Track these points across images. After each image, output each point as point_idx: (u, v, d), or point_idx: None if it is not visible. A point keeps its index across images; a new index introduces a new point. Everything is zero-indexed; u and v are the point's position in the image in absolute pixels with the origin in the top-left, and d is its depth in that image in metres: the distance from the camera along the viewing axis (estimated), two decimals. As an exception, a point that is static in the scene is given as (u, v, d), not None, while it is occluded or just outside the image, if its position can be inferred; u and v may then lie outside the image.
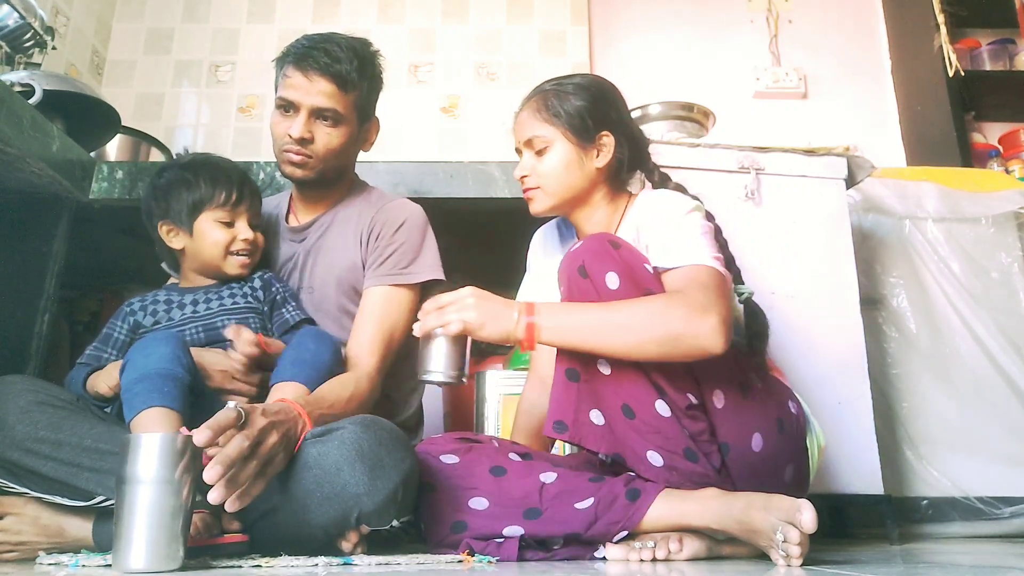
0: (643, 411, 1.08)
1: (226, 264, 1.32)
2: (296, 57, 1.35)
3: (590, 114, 1.29)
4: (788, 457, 1.17)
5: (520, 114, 1.37)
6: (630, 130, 1.35)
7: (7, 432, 1.03)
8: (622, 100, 1.37)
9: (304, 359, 1.15)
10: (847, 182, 1.73)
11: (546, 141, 1.30)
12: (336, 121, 1.36)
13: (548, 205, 1.32)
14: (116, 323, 1.29)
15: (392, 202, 1.44)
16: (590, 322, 1.07)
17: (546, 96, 1.32)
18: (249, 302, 1.31)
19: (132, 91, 2.66)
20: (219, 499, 0.85)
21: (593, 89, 1.33)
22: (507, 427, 1.54)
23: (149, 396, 1.03)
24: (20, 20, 1.73)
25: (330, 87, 1.34)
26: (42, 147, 1.42)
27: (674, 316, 1.04)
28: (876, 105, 2.78)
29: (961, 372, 1.87)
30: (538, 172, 1.31)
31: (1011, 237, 1.97)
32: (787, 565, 0.93)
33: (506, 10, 2.79)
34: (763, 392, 1.16)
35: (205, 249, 1.31)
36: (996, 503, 1.77)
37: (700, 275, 1.11)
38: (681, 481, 1.07)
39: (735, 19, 2.86)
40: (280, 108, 1.37)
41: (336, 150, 1.38)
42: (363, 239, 1.39)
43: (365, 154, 1.50)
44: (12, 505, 1.07)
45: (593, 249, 1.12)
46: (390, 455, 1.00)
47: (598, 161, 1.30)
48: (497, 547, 1.07)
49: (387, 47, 1.48)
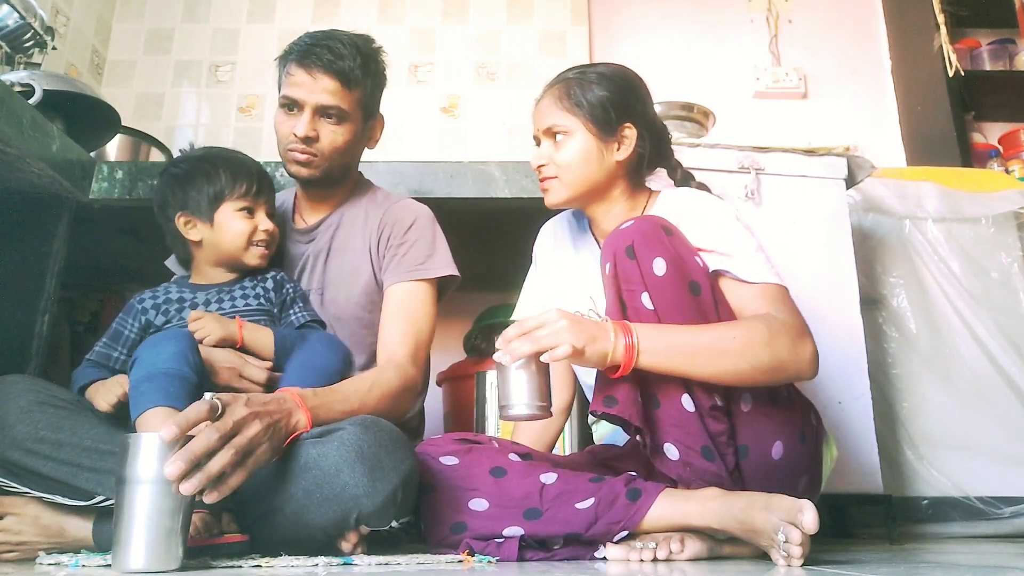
0: (669, 403, 1.06)
1: (247, 255, 1.31)
2: (299, 55, 1.34)
3: (613, 105, 1.26)
4: (804, 468, 1.16)
5: (541, 101, 1.32)
6: (654, 124, 1.32)
7: (7, 432, 1.03)
8: (647, 92, 1.33)
9: (313, 364, 1.16)
10: (847, 182, 1.73)
11: (566, 131, 1.26)
12: (341, 119, 1.35)
13: (564, 197, 1.29)
14: (127, 320, 1.27)
15: (398, 203, 1.44)
16: (692, 346, 1.04)
17: (569, 84, 1.28)
18: (261, 303, 1.31)
19: (132, 91, 2.65)
20: (189, 491, 0.82)
21: (618, 79, 1.29)
22: (507, 427, 1.54)
23: (155, 395, 1.03)
24: (20, 20, 1.73)
25: (334, 84, 1.33)
26: (42, 147, 1.42)
27: (780, 344, 1.05)
28: (876, 105, 2.78)
29: (961, 372, 1.87)
30: (556, 162, 1.28)
31: (1011, 237, 1.97)
32: (788, 565, 0.93)
33: (506, 10, 2.79)
34: (788, 401, 1.15)
35: (227, 239, 1.30)
36: (996, 503, 1.77)
37: (784, 297, 1.12)
38: (692, 478, 1.06)
39: (735, 19, 2.86)
40: (284, 107, 1.36)
41: (341, 148, 1.37)
42: (372, 243, 1.39)
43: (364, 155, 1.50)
44: (12, 505, 1.07)
45: (643, 231, 1.09)
46: (390, 456, 1.00)
47: (619, 154, 1.27)
48: (497, 547, 1.07)
49: (387, 47, 1.48)
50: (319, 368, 1.16)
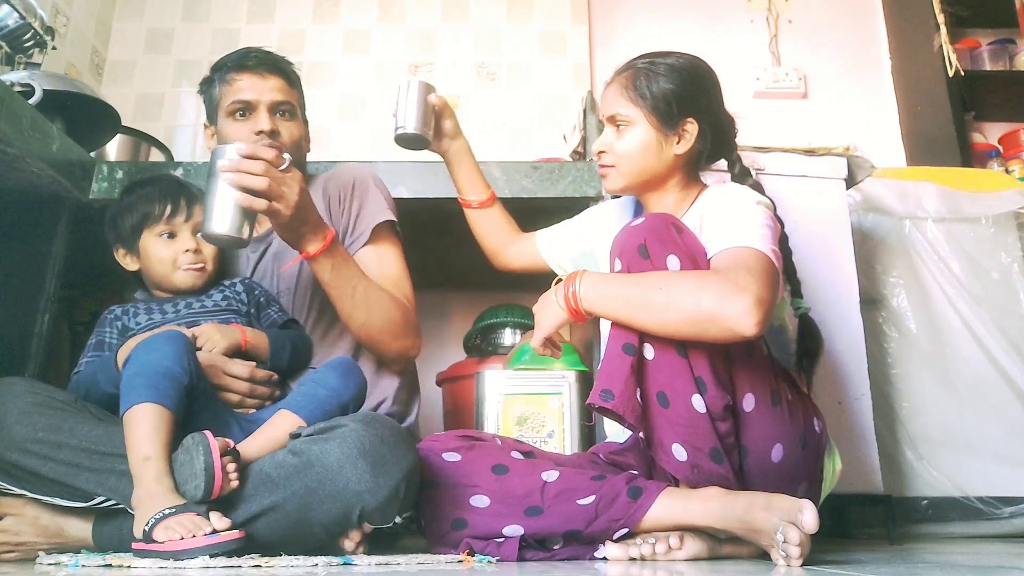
0: (678, 402, 1.04)
1: (176, 279, 1.31)
2: (237, 63, 1.38)
3: (677, 99, 1.24)
4: (804, 474, 1.15)
5: (609, 87, 1.31)
6: (718, 118, 1.29)
7: (6, 433, 1.03)
8: (716, 86, 1.31)
9: (317, 396, 1.13)
10: (847, 182, 1.73)
11: (627, 120, 1.26)
12: (292, 114, 1.40)
13: (620, 185, 1.30)
14: (104, 330, 1.29)
15: (335, 171, 1.47)
16: (628, 296, 1.05)
17: (636, 74, 1.27)
18: (231, 304, 1.31)
19: (132, 91, 2.65)
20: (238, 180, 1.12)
21: (685, 72, 1.27)
22: (507, 427, 1.54)
23: (144, 391, 1.02)
24: (20, 20, 1.73)
25: (281, 82, 1.38)
26: (42, 147, 1.42)
27: (706, 294, 1.00)
28: (876, 105, 2.78)
29: (961, 372, 1.87)
30: (615, 150, 1.27)
31: (1011, 237, 1.97)
32: (787, 565, 0.93)
33: (506, 10, 2.78)
34: (792, 405, 1.13)
35: (153, 267, 1.31)
36: (996, 503, 1.77)
37: (745, 257, 1.06)
38: (699, 480, 1.05)
39: (735, 19, 2.86)
40: (232, 115, 1.36)
41: (298, 142, 1.40)
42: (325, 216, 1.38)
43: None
44: (12, 506, 1.08)
45: (655, 229, 1.09)
46: (392, 452, 1.00)
47: (678, 147, 1.26)
48: (497, 547, 1.07)
49: (387, 47, 1.49)
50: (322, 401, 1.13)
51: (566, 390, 1.56)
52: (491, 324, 1.98)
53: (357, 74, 2.68)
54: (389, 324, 1.31)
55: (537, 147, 2.51)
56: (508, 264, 1.52)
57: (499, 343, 1.96)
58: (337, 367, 1.18)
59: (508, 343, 1.94)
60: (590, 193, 1.66)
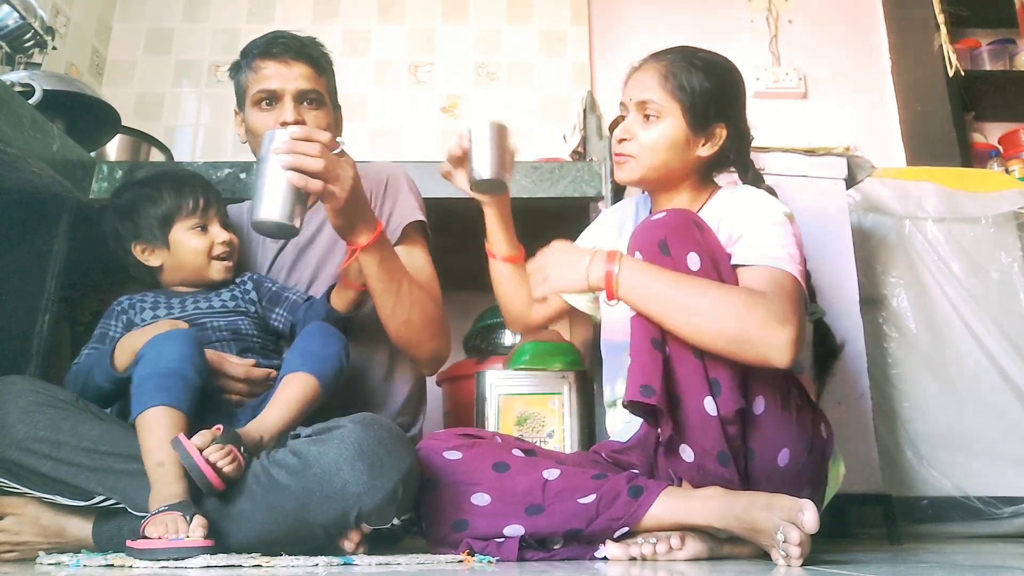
0: (690, 403, 1.03)
1: (211, 270, 1.31)
2: (264, 49, 1.34)
3: (714, 100, 1.21)
4: (808, 479, 1.14)
5: (639, 72, 1.26)
6: (743, 126, 1.28)
7: (7, 432, 1.03)
8: (744, 94, 1.29)
9: (313, 351, 1.16)
10: (847, 182, 1.73)
11: (660, 111, 1.21)
12: (319, 103, 1.36)
13: (636, 177, 1.25)
14: (110, 323, 1.28)
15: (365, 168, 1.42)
16: (669, 297, 1.02)
17: (674, 64, 1.22)
18: (239, 304, 1.31)
19: (132, 91, 2.65)
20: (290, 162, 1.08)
21: (724, 74, 1.24)
22: (507, 427, 1.54)
23: (157, 394, 1.03)
24: (20, 20, 1.73)
25: (308, 70, 1.34)
26: (42, 147, 1.42)
27: (752, 319, 0.99)
28: (876, 105, 2.78)
29: (961, 372, 1.87)
30: (640, 140, 1.23)
31: (1011, 237, 1.97)
32: (787, 565, 0.93)
33: (506, 10, 2.78)
34: (800, 410, 1.12)
35: (187, 260, 1.30)
36: (996, 503, 1.77)
37: (784, 282, 1.06)
38: (704, 482, 1.05)
39: (735, 19, 2.86)
40: (258, 104, 1.34)
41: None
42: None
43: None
44: (12, 505, 1.08)
45: (675, 225, 1.07)
46: (390, 454, 1.00)
47: (703, 150, 1.23)
48: (497, 547, 1.07)
49: (387, 47, 1.49)
50: (319, 354, 1.16)
51: (566, 390, 1.56)
52: (491, 324, 1.98)
53: (357, 74, 2.68)
54: (429, 323, 1.29)
55: (537, 147, 2.51)
56: (535, 321, 1.45)
57: (499, 343, 1.96)
58: (316, 330, 1.20)
59: (508, 343, 1.94)
60: (590, 193, 1.66)
